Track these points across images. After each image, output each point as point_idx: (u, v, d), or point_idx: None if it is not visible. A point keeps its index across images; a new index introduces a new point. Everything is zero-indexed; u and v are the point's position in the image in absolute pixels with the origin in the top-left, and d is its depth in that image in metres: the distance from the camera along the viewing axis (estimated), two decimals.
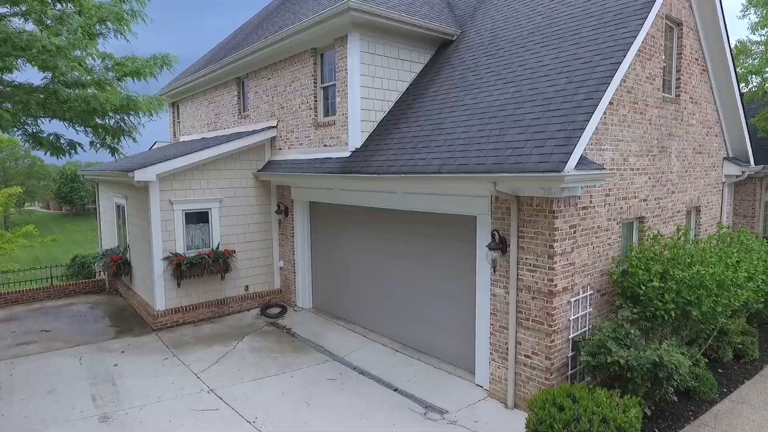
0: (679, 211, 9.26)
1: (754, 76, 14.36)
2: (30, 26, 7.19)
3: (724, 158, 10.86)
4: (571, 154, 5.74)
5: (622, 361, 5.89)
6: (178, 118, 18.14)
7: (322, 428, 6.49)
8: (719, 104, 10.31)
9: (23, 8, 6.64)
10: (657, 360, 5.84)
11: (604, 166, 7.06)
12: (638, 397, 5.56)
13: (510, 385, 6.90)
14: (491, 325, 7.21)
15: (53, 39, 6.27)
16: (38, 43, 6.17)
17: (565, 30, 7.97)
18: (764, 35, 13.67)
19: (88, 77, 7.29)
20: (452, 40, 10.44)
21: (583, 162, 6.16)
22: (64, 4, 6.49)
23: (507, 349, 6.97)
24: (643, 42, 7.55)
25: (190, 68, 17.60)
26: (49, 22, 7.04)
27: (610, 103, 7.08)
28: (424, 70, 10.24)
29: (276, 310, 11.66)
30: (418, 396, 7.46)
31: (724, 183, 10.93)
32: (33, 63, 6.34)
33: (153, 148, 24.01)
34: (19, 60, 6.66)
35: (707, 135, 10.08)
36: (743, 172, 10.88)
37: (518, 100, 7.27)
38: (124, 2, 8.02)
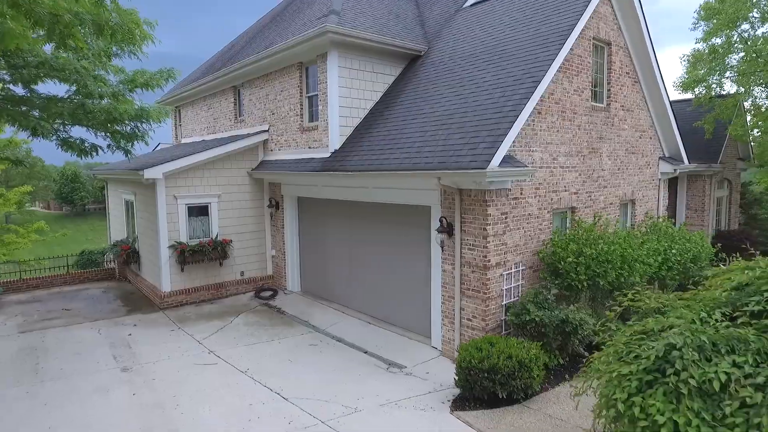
0: (612, 203, 10.80)
1: (700, 84, 15.89)
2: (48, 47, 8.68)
3: (660, 158, 12.40)
4: (494, 154, 7.27)
5: (537, 319, 7.44)
6: (180, 122, 19.65)
7: (301, 377, 8.01)
8: (653, 111, 11.84)
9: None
10: (564, 318, 7.39)
11: (534, 165, 8.61)
12: (552, 348, 7.05)
13: (456, 345, 8.42)
14: (442, 296, 8.75)
15: (82, 62, 7.79)
16: (71, 65, 7.69)
17: (508, 51, 9.51)
18: (706, 48, 15.19)
19: (107, 90, 8.81)
20: (420, 55, 11.98)
21: (508, 161, 7.70)
22: (91, 36, 7.97)
23: (454, 314, 8.51)
24: (568, 61, 9.09)
25: (190, 76, 19.11)
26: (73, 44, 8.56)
27: (539, 112, 8.63)
28: (396, 81, 11.77)
29: (268, 293, 13.19)
30: (384, 356, 8.98)
31: (660, 180, 12.47)
32: (67, 82, 7.86)
33: (157, 149, 25.56)
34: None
35: (641, 137, 11.62)
36: (675, 170, 12.40)
37: (463, 109, 8.81)
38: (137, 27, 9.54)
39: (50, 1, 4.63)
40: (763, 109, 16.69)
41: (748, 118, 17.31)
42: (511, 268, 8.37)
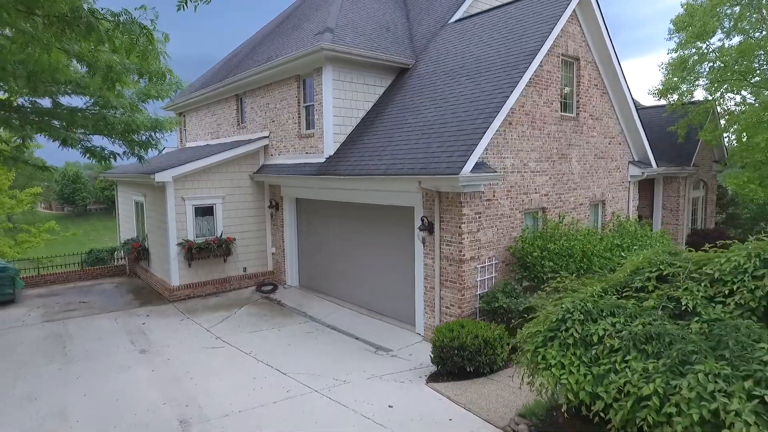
0: (582, 204, 11.87)
1: (674, 91, 16.93)
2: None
3: (630, 162, 13.46)
4: (466, 162, 8.33)
5: (505, 306, 8.50)
6: (185, 127, 20.72)
7: (298, 357, 9.06)
8: (621, 119, 12.91)
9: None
10: (528, 305, 8.45)
11: (506, 170, 9.68)
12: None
13: None
14: (424, 287, 9.81)
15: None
16: (95, 84, 8.74)
17: (484, 67, 10.57)
18: (675, 58, 16.25)
19: (125, 102, 9.86)
20: (408, 68, 13.04)
21: (479, 167, 8.76)
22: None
23: (434, 303, 9.57)
24: (537, 76, 10.16)
25: (195, 83, 20.16)
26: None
27: (510, 123, 9.70)
28: (386, 92, 12.83)
29: (269, 288, 14.25)
30: (373, 342, 10.04)
31: (629, 182, 13.53)
32: (91, 98, 8.91)
33: (163, 152, 26.60)
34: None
35: (610, 143, 12.68)
36: (643, 173, 13.46)
37: (443, 120, 9.87)
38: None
39: (107, 56, 5.68)
40: (735, 114, 17.73)
41: (722, 122, 18.36)
42: (484, 262, 9.43)
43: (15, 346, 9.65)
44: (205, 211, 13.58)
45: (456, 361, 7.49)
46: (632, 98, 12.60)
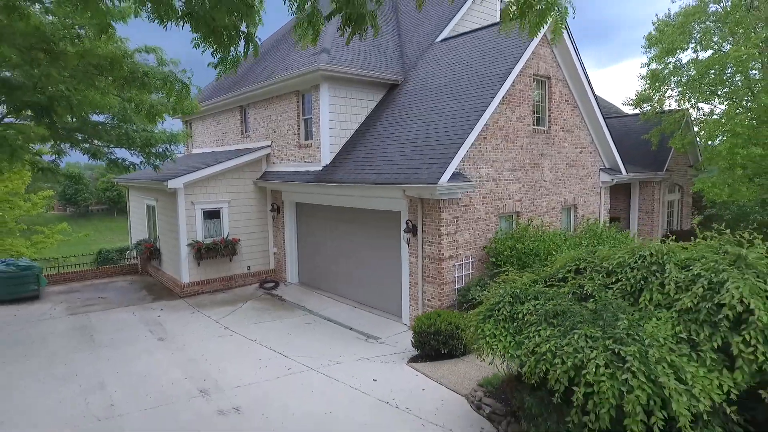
0: (553, 208, 13.13)
1: (648, 102, 18.21)
2: None
3: (601, 169, 14.73)
4: (444, 172, 9.59)
5: (477, 298, 9.75)
6: (191, 134, 21.98)
7: (298, 344, 10.32)
8: (592, 131, 14.17)
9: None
10: None
11: (481, 179, 10.95)
12: None
13: None
14: (409, 282, 11.07)
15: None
16: (122, 104, 10.02)
17: (464, 86, 11.84)
18: (648, 71, 17.52)
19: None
20: (398, 84, 14.31)
21: (456, 177, 10.03)
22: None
23: (418, 297, 10.83)
24: (510, 95, 11.43)
25: (202, 93, 21.42)
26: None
27: (485, 137, 10.97)
28: (377, 106, 14.09)
29: (271, 284, 15.51)
30: (364, 331, 11.30)
31: (601, 188, 14.80)
32: (117, 118, 10.20)
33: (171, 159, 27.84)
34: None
35: (581, 153, 13.95)
36: (613, 180, 14.73)
37: (426, 135, 11.14)
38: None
39: (150, 97, 6.98)
40: (707, 122, 18.99)
41: (696, 128, 19.63)
42: (462, 260, 10.70)
43: (47, 336, 10.91)
44: (212, 214, 14.85)
45: (432, 345, 8.76)
46: (601, 112, 13.88)
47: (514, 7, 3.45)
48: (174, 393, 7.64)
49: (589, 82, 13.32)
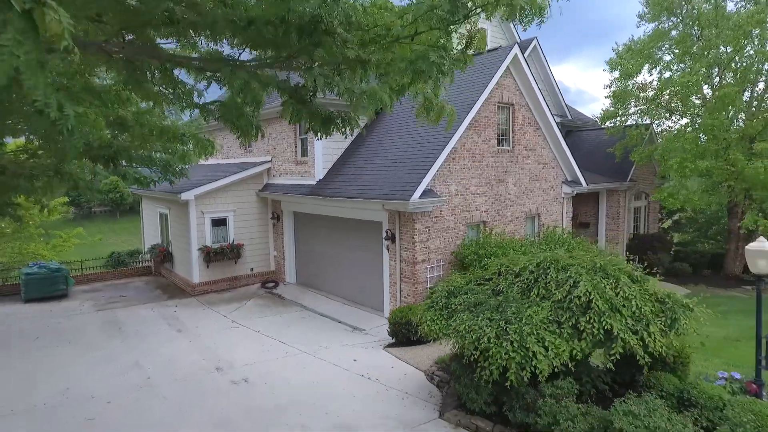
0: (518, 218, 15.07)
1: (613, 119, 20.16)
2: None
3: (563, 181, 16.67)
4: (415, 190, 11.52)
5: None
6: (221, 148, 23.91)
7: (294, 334, 12.25)
8: (554, 148, 16.11)
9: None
10: None
11: (450, 194, 12.88)
12: None
13: None
14: (389, 282, 13.01)
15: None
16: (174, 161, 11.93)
17: None
18: (613, 90, 19.48)
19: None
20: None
21: (427, 193, 11.97)
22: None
23: (396, 294, 12.76)
24: (476, 121, 13.36)
25: None
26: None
27: (453, 158, 12.90)
28: (365, 127, 16.01)
29: (271, 284, 17.46)
30: (351, 324, 13.23)
31: (563, 198, 16.74)
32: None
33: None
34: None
35: (544, 168, 15.89)
36: (573, 191, 16.68)
37: (404, 157, 13.08)
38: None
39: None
40: (665, 138, 20.95)
41: (660, 140, 21.57)
42: (433, 263, 12.64)
43: (81, 328, 12.85)
44: (219, 222, 16.79)
45: (404, 333, 10.69)
46: (561, 132, 15.81)
47: (422, 107, 5.37)
48: (195, 370, 9.59)
49: (548, 107, 15.25)
